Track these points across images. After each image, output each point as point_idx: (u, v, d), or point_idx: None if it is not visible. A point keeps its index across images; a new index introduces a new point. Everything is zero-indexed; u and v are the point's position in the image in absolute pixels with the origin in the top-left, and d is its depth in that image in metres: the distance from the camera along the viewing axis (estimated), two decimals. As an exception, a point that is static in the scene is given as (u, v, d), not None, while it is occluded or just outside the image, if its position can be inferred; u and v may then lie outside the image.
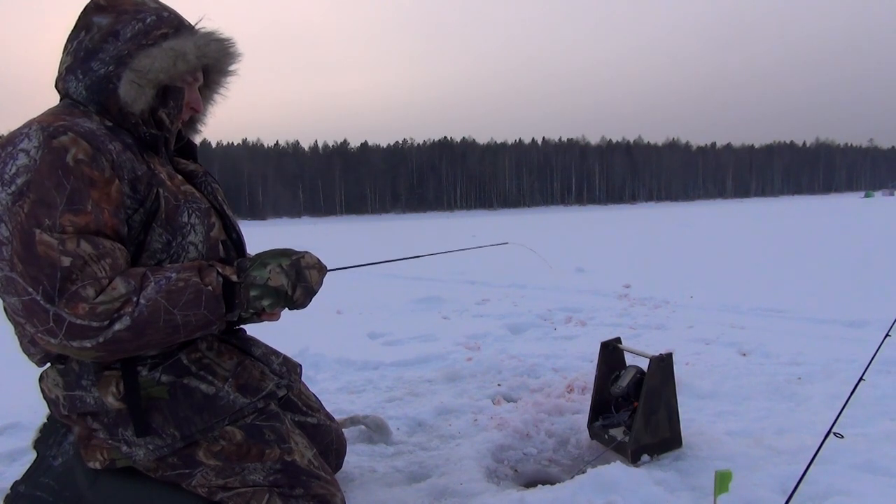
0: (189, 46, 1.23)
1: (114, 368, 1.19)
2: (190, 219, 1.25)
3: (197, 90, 1.34)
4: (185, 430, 1.19)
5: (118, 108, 1.20)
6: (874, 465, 1.62)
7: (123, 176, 1.14)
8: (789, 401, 2.22)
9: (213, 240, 1.29)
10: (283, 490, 1.22)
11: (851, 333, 3.26)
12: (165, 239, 1.20)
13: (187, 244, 1.23)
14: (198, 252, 1.25)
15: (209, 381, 1.24)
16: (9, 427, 2.11)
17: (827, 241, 9.66)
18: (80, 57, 1.21)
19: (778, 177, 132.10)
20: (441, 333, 3.60)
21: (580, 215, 39.13)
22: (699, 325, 3.61)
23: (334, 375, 2.76)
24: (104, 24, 1.21)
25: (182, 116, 1.33)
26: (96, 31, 1.21)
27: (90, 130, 1.13)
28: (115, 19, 1.21)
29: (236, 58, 1.35)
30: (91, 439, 1.21)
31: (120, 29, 1.21)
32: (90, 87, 1.20)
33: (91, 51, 1.20)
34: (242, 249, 1.40)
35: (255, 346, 1.43)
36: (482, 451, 1.81)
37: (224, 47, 1.31)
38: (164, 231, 1.20)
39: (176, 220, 1.23)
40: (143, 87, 1.19)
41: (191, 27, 1.29)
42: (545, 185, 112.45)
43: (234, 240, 1.37)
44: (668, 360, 1.76)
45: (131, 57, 1.19)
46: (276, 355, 1.47)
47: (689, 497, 1.50)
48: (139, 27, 1.21)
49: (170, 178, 1.27)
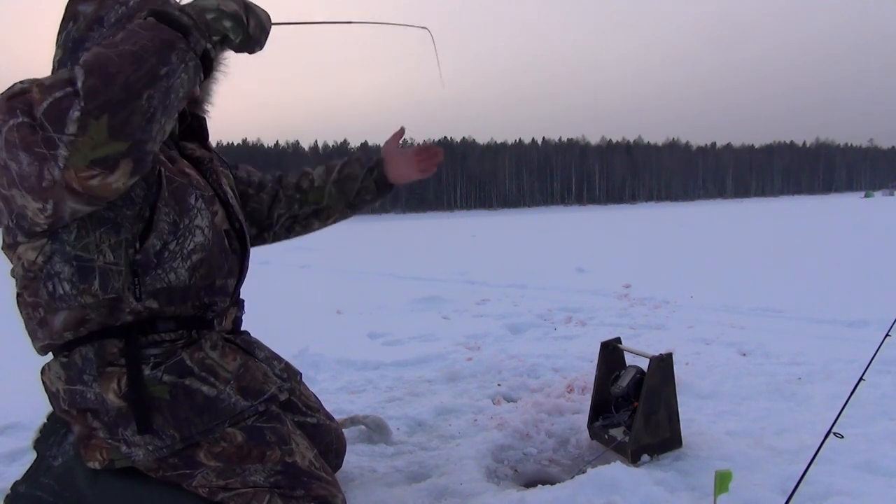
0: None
1: (116, 365, 1.19)
2: (196, 202, 1.25)
3: None
4: (185, 432, 1.19)
5: None
6: (874, 465, 1.62)
7: None
8: (789, 401, 2.22)
9: (217, 227, 1.29)
10: (284, 491, 1.22)
11: (851, 333, 3.26)
12: (172, 219, 1.20)
13: (194, 227, 1.23)
14: (204, 237, 1.25)
15: (211, 382, 1.23)
16: (9, 427, 2.11)
17: (827, 240, 9.66)
18: (69, 48, 1.20)
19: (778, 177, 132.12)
20: (441, 333, 3.60)
21: (580, 215, 39.13)
22: (699, 325, 3.61)
23: (334, 375, 2.76)
24: (89, 11, 1.21)
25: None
26: (82, 20, 1.20)
27: None
28: (100, 5, 1.21)
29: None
30: (91, 438, 1.21)
31: (104, 15, 1.20)
32: None
33: (78, 40, 1.20)
34: (244, 240, 1.40)
35: (258, 349, 1.42)
36: (482, 451, 1.81)
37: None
38: (171, 210, 1.20)
39: (184, 199, 1.22)
40: None
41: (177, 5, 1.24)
42: (545, 185, 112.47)
43: (237, 229, 1.37)
44: (668, 360, 1.76)
45: None
46: (279, 360, 1.47)
47: (689, 497, 1.50)
48: (122, 11, 1.20)
49: (171, 161, 1.26)
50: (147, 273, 1.19)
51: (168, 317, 1.24)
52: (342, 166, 1.64)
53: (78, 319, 1.19)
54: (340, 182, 1.62)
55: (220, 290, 1.33)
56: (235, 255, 1.37)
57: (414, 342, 3.43)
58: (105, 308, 1.19)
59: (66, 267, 1.16)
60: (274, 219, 1.63)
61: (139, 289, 1.19)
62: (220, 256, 1.30)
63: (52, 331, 1.21)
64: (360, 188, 1.62)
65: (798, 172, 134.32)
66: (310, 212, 1.63)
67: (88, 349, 1.20)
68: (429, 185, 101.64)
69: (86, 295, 1.18)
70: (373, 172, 1.63)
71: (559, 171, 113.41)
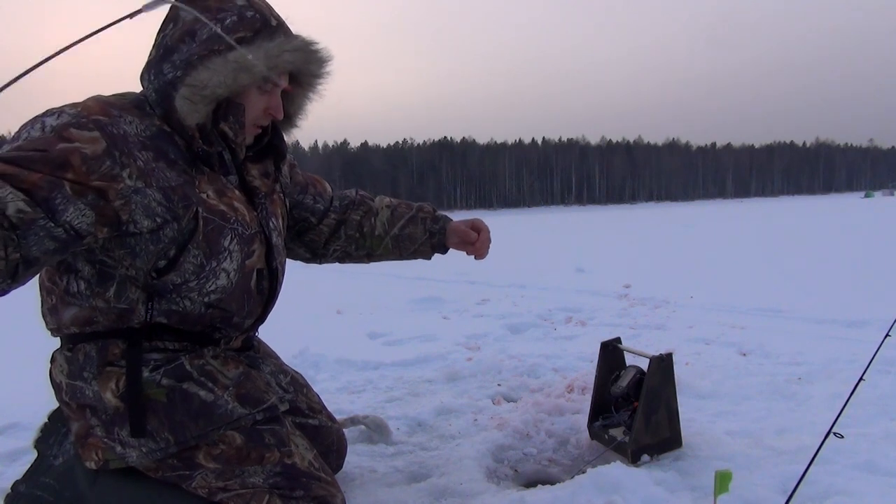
0: (259, 57, 1.14)
1: (116, 365, 1.19)
2: (230, 244, 1.22)
3: (278, 95, 1.25)
4: (180, 436, 1.19)
5: (177, 118, 1.16)
6: (874, 465, 1.62)
7: (151, 182, 1.10)
8: (789, 401, 2.22)
9: (247, 268, 1.26)
10: (284, 492, 1.22)
11: (851, 333, 3.26)
12: (200, 261, 1.18)
13: (220, 270, 1.21)
14: (228, 280, 1.23)
15: (209, 387, 1.23)
16: (9, 427, 2.11)
17: (827, 240, 9.66)
18: (160, 54, 1.17)
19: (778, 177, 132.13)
20: (441, 333, 3.60)
21: (580, 215, 39.13)
22: (699, 325, 3.60)
23: (334, 375, 2.76)
24: (188, 19, 1.15)
25: (255, 127, 1.27)
26: (180, 25, 1.16)
27: (123, 135, 1.09)
28: (197, 17, 1.14)
29: (322, 64, 1.27)
30: (88, 437, 1.21)
31: (198, 29, 1.14)
32: (157, 91, 1.17)
33: (169, 49, 1.16)
34: (276, 280, 1.35)
35: (265, 363, 1.42)
36: (482, 451, 1.81)
37: (303, 57, 1.22)
38: (201, 252, 1.18)
39: (217, 242, 1.20)
40: (195, 104, 1.14)
41: (275, 28, 1.20)
42: (545, 185, 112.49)
43: (272, 269, 1.33)
44: (668, 360, 1.76)
45: (194, 67, 1.13)
46: (285, 374, 1.47)
47: (689, 497, 1.50)
48: (216, 29, 1.14)
49: (219, 195, 1.22)
50: (162, 297, 1.20)
51: (175, 329, 1.25)
52: (406, 223, 1.63)
53: (86, 319, 1.20)
54: (401, 239, 1.63)
55: (236, 325, 1.32)
56: (261, 296, 1.34)
57: (414, 342, 3.43)
58: (114, 314, 1.19)
59: (87, 266, 1.17)
60: (329, 251, 1.63)
61: (151, 307, 1.20)
62: (240, 299, 1.28)
63: (60, 321, 1.22)
64: (416, 250, 1.64)
65: (798, 172, 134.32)
66: (363, 254, 1.65)
67: (91, 347, 1.20)
68: (429, 185, 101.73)
69: (98, 298, 1.18)
70: (433, 238, 1.63)
71: (559, 172, 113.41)
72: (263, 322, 1.42)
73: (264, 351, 1.54)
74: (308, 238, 1.60)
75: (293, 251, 1.63)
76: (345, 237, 1.61)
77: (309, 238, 1.60)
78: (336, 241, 1.62)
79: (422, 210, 1.65)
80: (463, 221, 1.63)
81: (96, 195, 1.04)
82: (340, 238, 1.61)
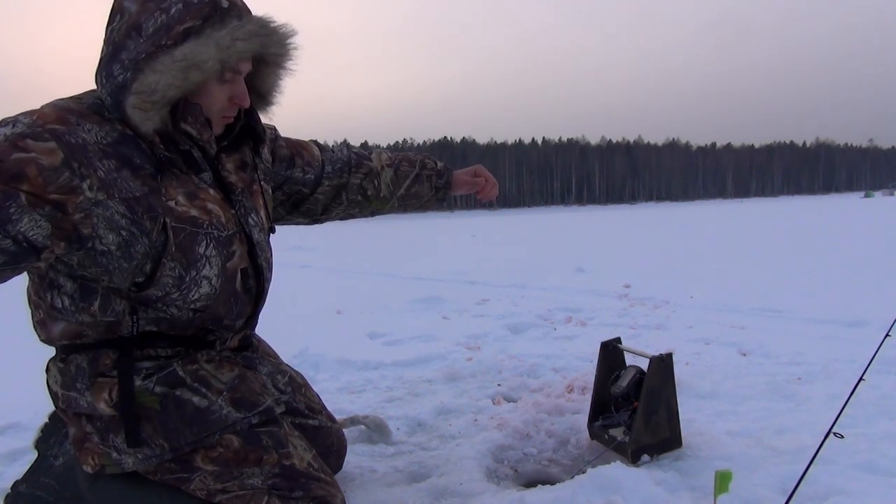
0: (209, 50, 1.05)
1: (108, 375, 1.18)
2: (206, 250, 1.17)
3: (241, 83, 1.16)
4: (174, 443, 1.18)
5: (133, 124, 1.08)
6: (874, 465, 1.62)
7: (114, 194, 1.05)
8: (789, 401, 2.22)
9: (230, 270, 1.22)
10: (283, 493, 1.22)
11: (851, 333, 3.26)
12: (178, 273, 1.14)
13: (200, 279, 1.17)
14: (211, 287, 1.19)
15: (202, 393, 1.21)
16: (9, 427, 2.11)
17: (827, 240, 9.65)
18: (110, 52, 1.08)
19: (778, 177, 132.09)
20: (441, 333, 3.60)
21: (580, 215, 39.11)
22: (699, 325, 3.60)
23: (334, 375, 2.76)
24: (133, 10, 1.06)
25: (223, 118, 1.19)
26: (126, 18, 1.06)
27: (82, 144, 1.03)
28: (142, 6, 1.06)
29: (282, 43, 1.17)
30: (84, 442, 1.20)
31: (143, 22, 1.05)
32: (111, 95, 1.08)
33: (117, 47, 1.07)
34: (262, 277, 1.31)
35: (262, 364, 1.41)
36: (482, 451, 1.81)
37: (259, 41, 1.12)
38: (178, 264, 1.13)
39: (192, 251, 1.14)
40: (146, 112, 1.05)
41: (226, 11, 1.09)
42: (545, 185, 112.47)
43: (257, 266, 1.29)
44: (668, 360, 1.76)
45: (140, 70, 1.04)
46: (283, 374, 1.46)
47: (689, 497, 1.50)
48: (162, 20, 1.05)
49: (190, 199, 1.15)
50: (147, 307, 1.18)
51: (166, 335, 1.23)
52: (412, 182, 1.64)
53: (75, 332, 1.19)
54: (407, 198, 1.65)
55: (227, 327, 1.30)
56: (249, 295, 1.30)
57: (414, 342, 3.43)
58: (103, 327, 1.18)
59: (69, 282, 1.15)
60: (330, 215, 1.62)
61: (138, 319, 1.18)
62: (228, 302, 1.25)
63: (50, 335, 1.21)
64: (423, 205, 1.70)
65: (798, 172, 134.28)
66: (367, 213, 1.66)
67: (83, 358, 1.19)
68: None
69: (83, 314, 1.16)
70: (439, 192, 1.66)
71: (559, 171, 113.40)
72: (256, 319, 1.40)
73: (263, 350, 1.52)
74: (304, 208, 1.58)
75: (290, 221, 1.62)
76: (347, 201, 1.60)
77: (305, 207, 1.58)
78: (338, 205, 1.60)
79: (425, 167, 1.66)
80: (465, 171, 1.71)
81: (53, 208, 0.99)
82: (342, 203, 1.60)
